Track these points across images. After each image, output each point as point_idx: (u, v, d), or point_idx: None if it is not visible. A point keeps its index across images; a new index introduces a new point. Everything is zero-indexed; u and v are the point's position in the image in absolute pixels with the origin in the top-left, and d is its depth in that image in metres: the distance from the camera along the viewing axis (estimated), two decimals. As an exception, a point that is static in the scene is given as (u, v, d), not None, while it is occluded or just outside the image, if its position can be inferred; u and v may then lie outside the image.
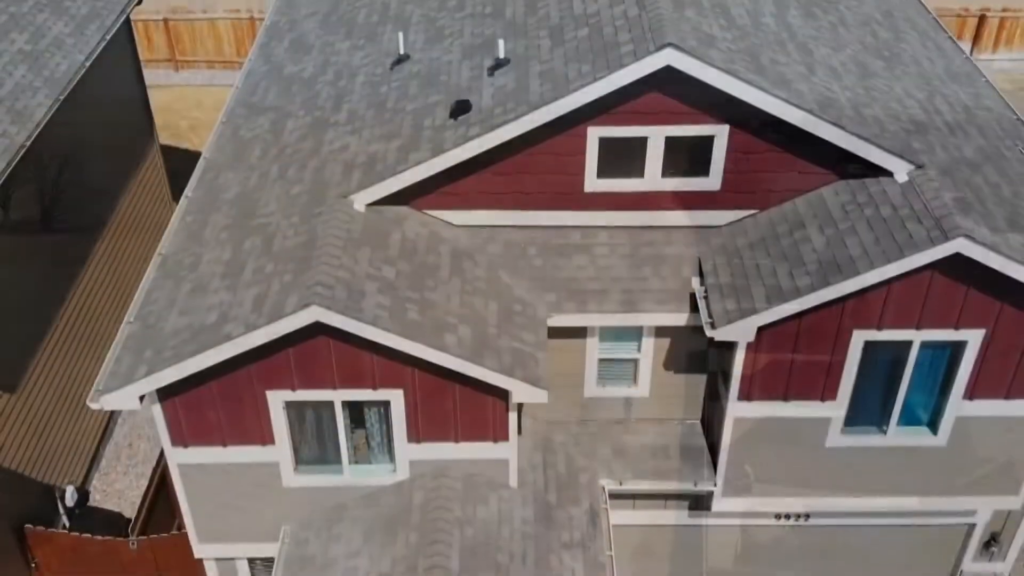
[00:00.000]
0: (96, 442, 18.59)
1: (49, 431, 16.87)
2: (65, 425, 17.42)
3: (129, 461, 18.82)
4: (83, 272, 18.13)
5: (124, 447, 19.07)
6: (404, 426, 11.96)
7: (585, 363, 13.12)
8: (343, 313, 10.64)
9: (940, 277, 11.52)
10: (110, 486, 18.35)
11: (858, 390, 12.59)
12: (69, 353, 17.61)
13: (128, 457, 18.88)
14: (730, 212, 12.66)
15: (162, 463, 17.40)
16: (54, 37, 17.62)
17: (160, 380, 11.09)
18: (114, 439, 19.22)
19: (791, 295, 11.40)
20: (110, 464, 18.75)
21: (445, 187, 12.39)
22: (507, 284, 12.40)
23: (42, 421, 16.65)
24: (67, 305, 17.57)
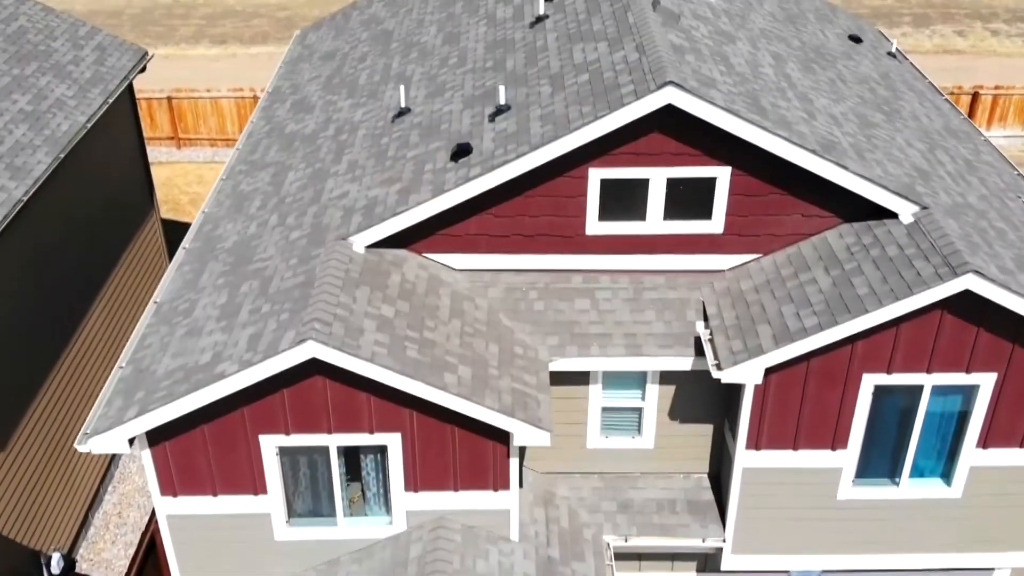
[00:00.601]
0: (85, 509, 18.06)
1: (37, 494, 16.39)
2: (54, 489, 16.94)
3: (118, 530, 18.26)
4: (76, 335, 17.87)
5: (113, 515, 18.52)
6: (401, 474, 11.56)
7: (588, 412, 12.78)
8: (340, 349, 10.37)
9: (950, 317, 11.29)
10: (97, 555, 17.76)
11: (869, 438, 12.25)
12: (60, 416, 17.23)
13: (117, 526, 18.33)
14: (734, 256, 12.48)
15: (151, 529, 16.89)
16: (56, 99, 17.72)
17: (150, 421, 10.76)
18: (103, 507, 18.68)
19: (799, 335, 11.15)
20: (98, 532, 18.19)
21: (445, 230, 12.24)
22: (508, 327, 12.16)
23: (30, 483, 16.19)
24: (59, 367, 17.26)
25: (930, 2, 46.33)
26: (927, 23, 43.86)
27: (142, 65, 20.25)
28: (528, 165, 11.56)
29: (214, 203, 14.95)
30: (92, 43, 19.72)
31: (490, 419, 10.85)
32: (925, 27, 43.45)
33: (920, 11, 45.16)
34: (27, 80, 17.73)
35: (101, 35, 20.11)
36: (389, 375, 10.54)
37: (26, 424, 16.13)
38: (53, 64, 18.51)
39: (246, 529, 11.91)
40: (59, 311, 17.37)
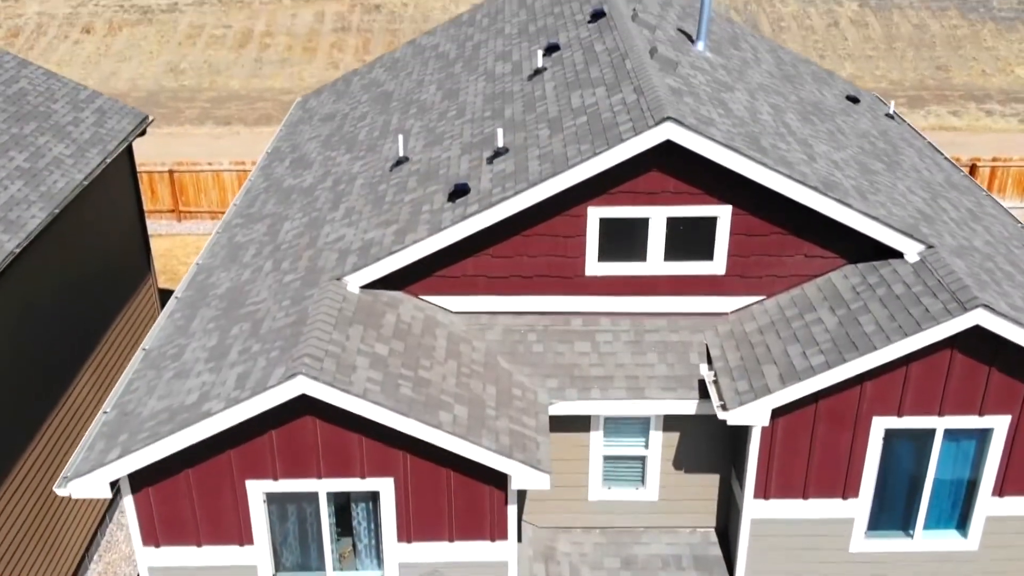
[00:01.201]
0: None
1: (19, 562, 15.78)
2: (37, 556, 16.34)
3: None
4: (65, 396, 17.47)
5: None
6: (394, 522, 11.09)
7: (589, 461, 12.34)
8: (331, 385, 10.02)
9: (960, 356, 10.96)
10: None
11: (881, 487, 11.79)
12: (44, 480, 16.73)
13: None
14: (736, 298, 12.20)
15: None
16: (54, 157, 17.67)
17: (133, 463, 10.34)
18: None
19: (806, 374, 10.80)
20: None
21: (442, 271, 11.99)
22: (506, 369, 11.81)
23: (11, 551, 15.60)
24: (44, 430, 16.82)
25: (924, 84, 46.96)
26: (922, 104, 44.40)
27: (142, 128, 20.29)
28: (526, 202, 11.37)
29: (208, 255, 14.75)
30: (92, 106, 19.79)
31: (487, 460, 10.43)
32: (920, 108, 43.97)
33: (914, 93, 45.76)
34: (25, 139, 17.71)
35: (102, 99, 20.20)
36: (382, 412, 10.16)
37: (8, 488, 15.63)
38: (52, 124, 18.52)
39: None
40: (48, 371, 17.01)
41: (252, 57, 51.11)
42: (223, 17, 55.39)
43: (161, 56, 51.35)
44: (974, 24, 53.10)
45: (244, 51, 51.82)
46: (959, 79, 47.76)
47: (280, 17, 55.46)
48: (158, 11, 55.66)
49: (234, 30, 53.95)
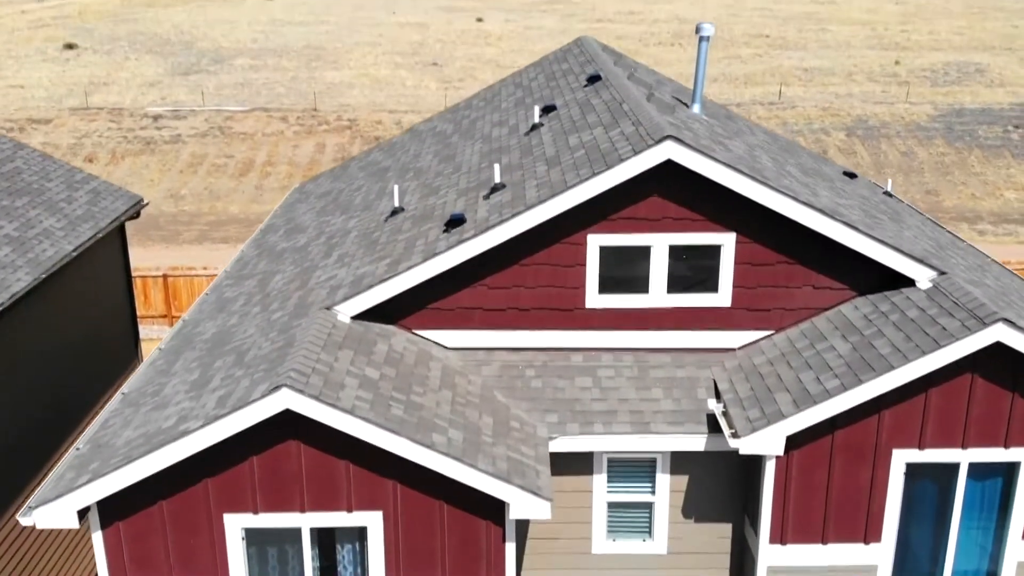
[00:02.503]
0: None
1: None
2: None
3: None
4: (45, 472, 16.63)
5: None
6: (382, 562, 10.27)
7: (592, 509, 11.57)
8: (317, 399, 9.42)
9: (981, 381, 10.42)
10: None
11: (905, 530, 11.04)
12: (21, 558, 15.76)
13: None
14: (744, 333, 11.72)
15: None
16: (44, 228, 17.40)
17: (103, 489, 9.63)
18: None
19: (821, 398, 10.22)
20: None
21: (436, 303, 11.54)
22: (503, 403, 11.20)
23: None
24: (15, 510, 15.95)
25: (915, 206, 47.41)
26: (916, 223, 44.64)
27: (136, 209, 20.10)
28: (524, 226, 11.04)
29: (195, 311, 14.30)
30: (87, 187, 19.66)
31: (483, 485, 9.73)
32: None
33: (909, 213, 46.07)
34: (16, 210, 17.47)
35: (97, 181, 20.10)
36: (371, 430, 9.52)
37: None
38: (45, 200, 18.33)
39: (205, 633, 10.45)
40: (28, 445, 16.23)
41: (253, 184, 51.77)
42: (225, 148, 56.43)
43: (162, 183, 51.99)
44: (961, 151, 54.14)
45: (245, 179, 52.53)
46: (949, 202, 48.31)
47: (282, 148, 56.51)
48: (161, 142, 56.73)
49: (236, 160, 54.86)
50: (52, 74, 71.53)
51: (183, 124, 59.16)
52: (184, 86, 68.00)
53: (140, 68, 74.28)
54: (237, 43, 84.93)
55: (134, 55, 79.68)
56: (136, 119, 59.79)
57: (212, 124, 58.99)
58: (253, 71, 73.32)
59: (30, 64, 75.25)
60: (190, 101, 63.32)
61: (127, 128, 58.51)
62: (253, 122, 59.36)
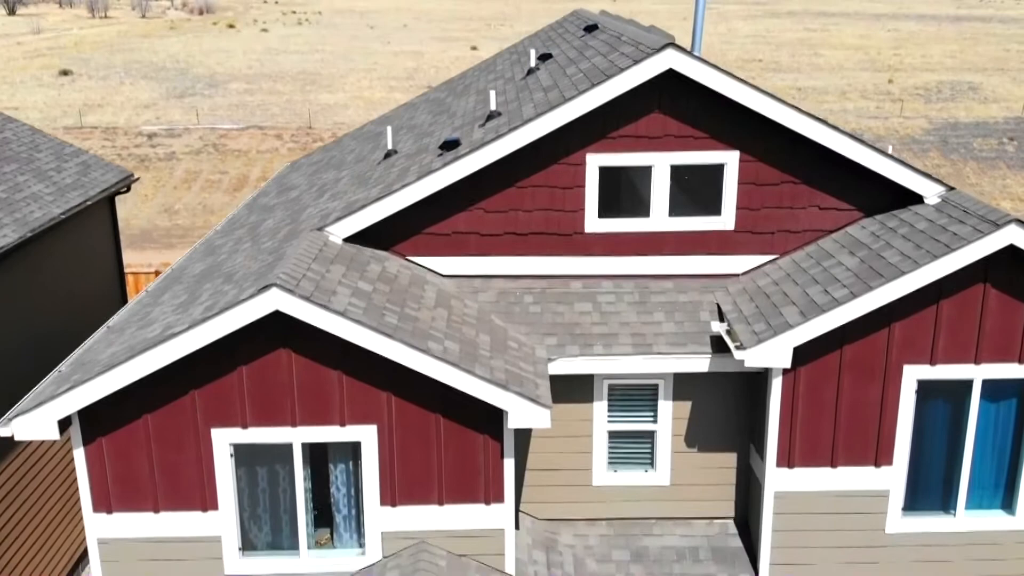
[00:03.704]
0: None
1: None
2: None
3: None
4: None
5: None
6: (376, 482, 9.87)
7: (592, 439, 11.18)
8: (308, 300, 9.07)
9: (994, 292, 10.10)
10: None
11: (917, 452, 10.66)
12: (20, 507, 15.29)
13: (51, 666, 15.83)
14: (747, 257, 11.39)
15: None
16: (32, 193, 17.11)
17: (84, 396, 9.25)
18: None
19: (829, 306, 9.89)
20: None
21: (431, 227, 11.22)
22: (501, 326, 10.85)
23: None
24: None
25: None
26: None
27: (127, 184, 19.83)
28: (521, 141, 10.74)
29: (183, 259, 13.97)
30: (76, 160, 19.40)
31: (481, 392, 9.36)
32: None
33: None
34: (4, 176, 17.19)
35: (87, 155, 19.84)
36: (364, 334, 9.16)
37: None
38: (34, 168, 18.06)
39: (191, 560, 10.02)
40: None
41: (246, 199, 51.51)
42: (219, 164, 56.28)
43: (156, 199, 51.74)
44: (956, 163, 54.14)
45: (239, 194, 52.27)
46: (947, 211, 48.08)
47: (276, 164, 56.27)
48: (155, 159, 56.58)
49: (230, 176, 54.69)
50: (47, 98, 71.51)
51: (177, 142, 59.06)
52: (179, 108, 67.99)
53: (135, 92, 74.31)
54: (232, 69, 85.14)
55: (129, 80, 79.81)
56: (130, 137, 59.69)
57: (206, 142, 58.89)
58: (248, 94, 73.38)
59: (25, 89, 75.25)
60: (185, 120, 63.28)
61: (121, 146, 58.38)
62: (247, 139, 59.27)
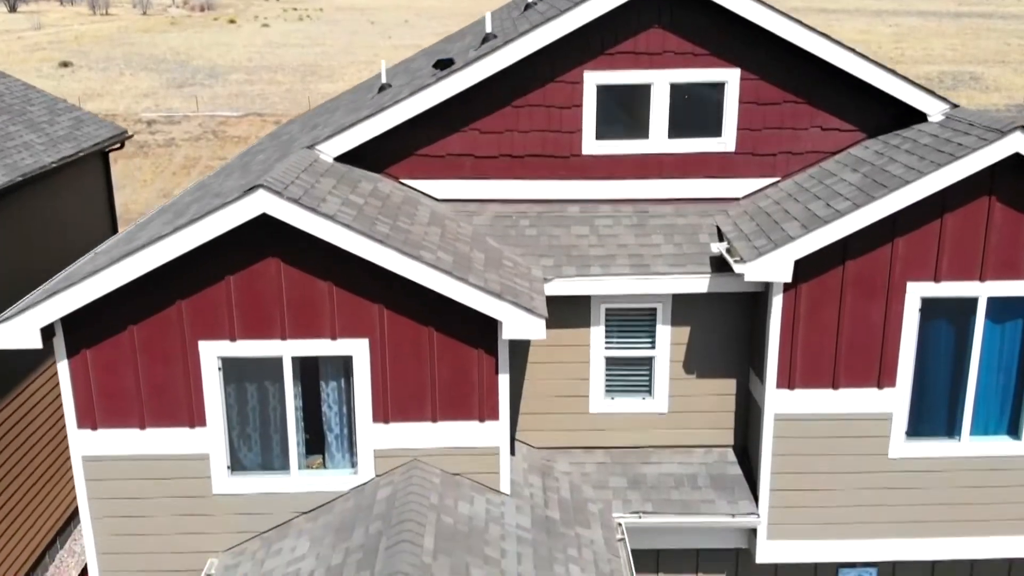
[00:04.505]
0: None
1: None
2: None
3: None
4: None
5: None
6: (369, 398, 9.65)
7: (590, 365, 10.95)
8: (297, 203, 8.85)
9: (1000, 206, 9.89)
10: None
11: (921, 374, 10.44)
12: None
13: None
14: (748, 181, 11.17)
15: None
16: (24, 142, 16.88)
17: (67, 303, 9.03)
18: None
19: (831, 218, 9.66)
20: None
21: (425, 148, 10.99)
22: (496, 247, 10.63)
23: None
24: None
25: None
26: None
27: (119, 140, 19.61)
28: (516, 55, 10.52)
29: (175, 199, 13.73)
30: (69, 115, 19.18)
31: (475, 301, 9.13)
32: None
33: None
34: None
35: (80, 111, 19.64)
36: (355, 239, 8.94)
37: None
38: (26, 120, 17.84)
39: (178, 478, 9.79)
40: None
41: (245, 183, 51.27)
42: (219, 151, 56.05)
43: (155, 184, 51.53)
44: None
45: (238, 179, 52.00)
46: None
47: (275, 151, 56.07)
48: (154, 145, 56.39)
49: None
50: (47, 87, 71.24)
51: (177, 129, 58.88)
52: (178, 97, 67.84)
53: (135, 82, 74.20)
54: (233, 61, 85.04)
55: (129, 71, 79.70)
56: (130, 123, 59.41)
57: (206, 128, 58.71)
58: (248, 84, 73.23)
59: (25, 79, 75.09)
60: (184, 108, 63.11)
61: (120, 133, 58.10)
62: (247, 126, 59.08)
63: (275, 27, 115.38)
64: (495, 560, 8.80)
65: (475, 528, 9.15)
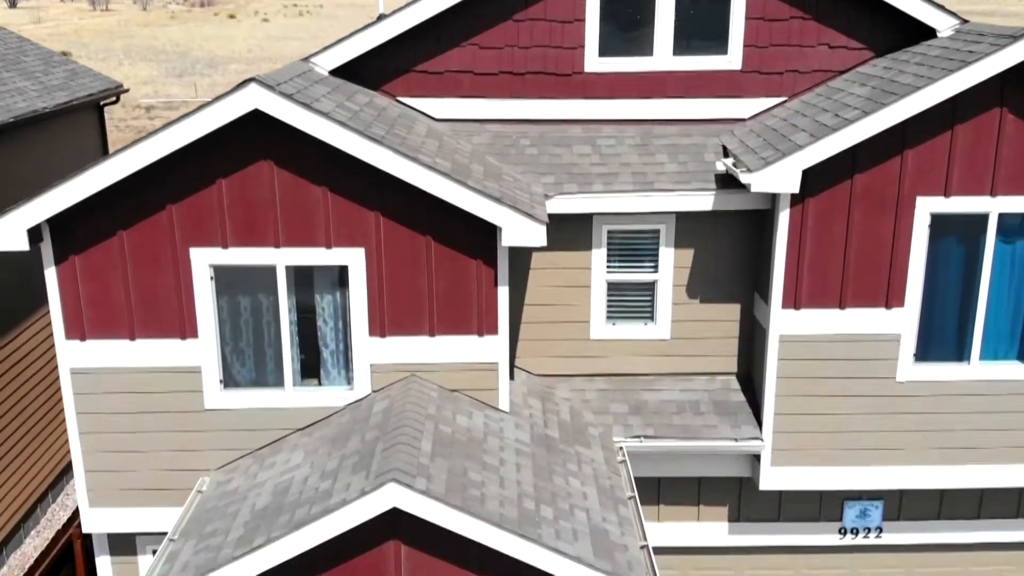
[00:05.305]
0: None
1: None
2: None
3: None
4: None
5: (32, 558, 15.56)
6: (365, 309, 9.40)
7: (591, 289, 10.71)
8: (291, 99, 8.61)
9: (1011, 117, 9.65)
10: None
11: (930, 295, 10.19)
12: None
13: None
14: (754, 100, 10.94)
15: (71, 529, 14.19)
16: (17, 87, 16.64)
17: (54, 202, 8.79)
18: (22, 548, 15.79)
19: (840, 126, 9.41)
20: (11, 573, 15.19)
21: (423, 64, 10.75)
22: (495, 164, 10.38)
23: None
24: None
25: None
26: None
27: (115, 94, 19.38)
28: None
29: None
30: (65, 67, 18.94)
31: (474, 205, 8.89)
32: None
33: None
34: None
35: (75, 64, 19.40)
36: (349, 137, 8.69)
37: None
38: (20, 69, 17.60)
39: (169, 392, 9.54)
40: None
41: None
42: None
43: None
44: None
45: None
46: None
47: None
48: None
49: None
50: (45, 74, 71.08)
51: (176, 115, 58.58)
52: (178, 85, 67.67)
53: (134, 71, 73.97)
54: (233, 53, 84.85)
55: (128, 61, 79.49)
56: (128, 110, 59.28)
57: (205, 114, 58.44)
58: (248, 74, 72.93)
59: (23, 67, 74.84)
60: (183, 95, 62.92)
61: (119, 118, 57.89)
62: (246, 112, 58.83)
63: (275, 22, 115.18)
64: (493, 467, 8.55)
65: (473, 438, 8.90)
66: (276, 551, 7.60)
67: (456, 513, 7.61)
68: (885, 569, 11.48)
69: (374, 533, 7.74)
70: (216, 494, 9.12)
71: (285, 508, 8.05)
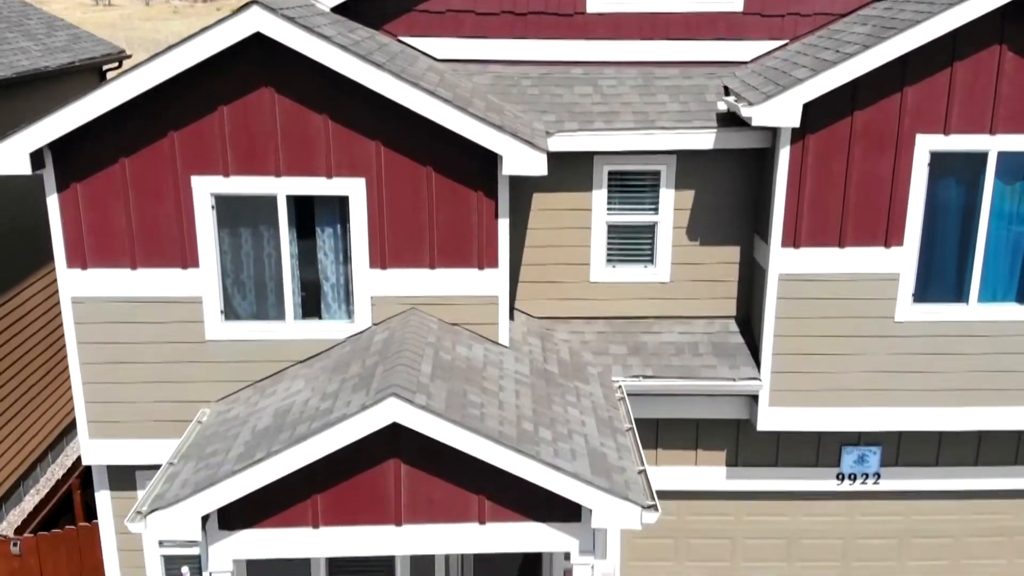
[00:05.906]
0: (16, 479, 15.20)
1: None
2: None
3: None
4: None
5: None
6: (366, 241, 9.43)
7: (591, 231, 10.72)
8: (292, 21, 8.63)
9: (1010, 55, 9.66)
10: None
11: (929, 235, 10.20)
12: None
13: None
14: (756, 43, 10.96)
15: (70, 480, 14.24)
16: (20, 47, 16.68)
17: (56, 126, 8.80)
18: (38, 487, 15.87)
19: (840, 60, 9.43)
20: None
21: (425, 2, 10.77)
22: (497, 102, 10.40)
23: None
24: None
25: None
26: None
27: (118, 60, 19.43)
28: (519, -96, 10.30)
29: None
30: (67, 31, 19.00)
31: (473, 131, 8.92)
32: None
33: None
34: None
35: (78, 29, 19.45)
36: (349, 61, 8.71)
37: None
38: (24, 30, 17.64)
39: (170, 322, 9.56)
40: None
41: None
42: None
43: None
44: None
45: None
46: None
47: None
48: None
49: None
50: (47, 63, 71.16)
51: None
52: (180, 74, 67.64)
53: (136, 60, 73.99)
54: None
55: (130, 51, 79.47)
56: (130, 97, 59.27)
57: (207, 102, 58.43)
58: (250, 64, 73.03)
59: (26, 56, 74.92)
60: (185, 83, 62.90)
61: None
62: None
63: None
64: (493, 392, 8.58)
65: (473, 367, 8.93)
66: (276, 465, 7.63)
67: (456, 428, 7.64)
68: (883, 516, 11.50)
69: (375, 450, 7.77)
70: (217, 422, 9.15)
71: (286, 427, 8.07)
